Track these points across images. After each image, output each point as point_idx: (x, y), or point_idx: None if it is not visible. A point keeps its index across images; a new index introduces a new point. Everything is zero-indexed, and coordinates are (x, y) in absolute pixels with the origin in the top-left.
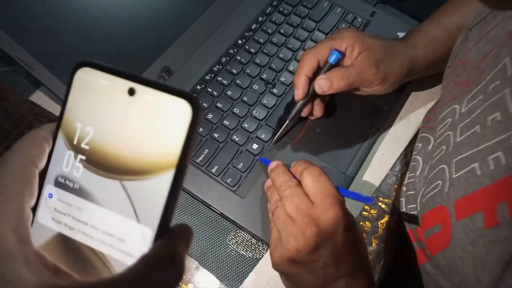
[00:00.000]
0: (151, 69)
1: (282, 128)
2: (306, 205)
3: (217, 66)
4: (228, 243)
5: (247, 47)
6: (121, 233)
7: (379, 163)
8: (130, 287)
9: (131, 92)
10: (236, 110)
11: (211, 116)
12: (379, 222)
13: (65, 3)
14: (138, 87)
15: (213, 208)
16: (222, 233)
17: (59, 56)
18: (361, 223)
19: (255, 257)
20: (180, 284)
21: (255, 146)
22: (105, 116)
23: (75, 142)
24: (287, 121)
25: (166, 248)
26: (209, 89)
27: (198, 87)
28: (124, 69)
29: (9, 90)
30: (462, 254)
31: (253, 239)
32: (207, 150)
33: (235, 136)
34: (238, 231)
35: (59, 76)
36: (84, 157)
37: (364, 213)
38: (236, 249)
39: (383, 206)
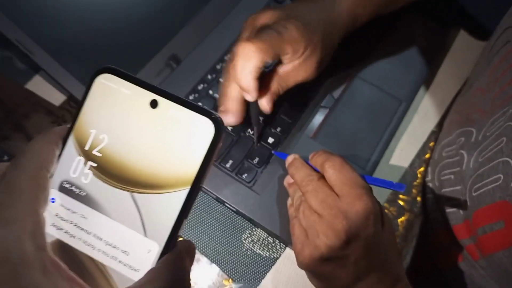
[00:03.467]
0: (158, 57)
1: (254, 132)
2: (332, 198)
3: (229, 55)
4: (244, 241)
5: None
6: (126, 245)
7: (398, 160)
8: None
9: (154, 104)
10: None
11: None
12: (398, 220)
13: None
14: (161, 100)
15: (227, 205)
16: (237, 232)
17: (61, 42)
18: None
19: (272, 256)
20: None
21: (270, 140)
22: (123, 125)
23: (86, 148)
24: (254, 126)
25: (174, 264)
26: (221, 80)
27: (209, 76)
28: (148, 82)
29: (2, 78)
30: None
31: (270, 237)
32: (220, 144)
33: (249, 129)
34: (254, 229)
35: (60, 62)
36: (94, 165)
37: None
38: (252, 248)
39: (402, 203)
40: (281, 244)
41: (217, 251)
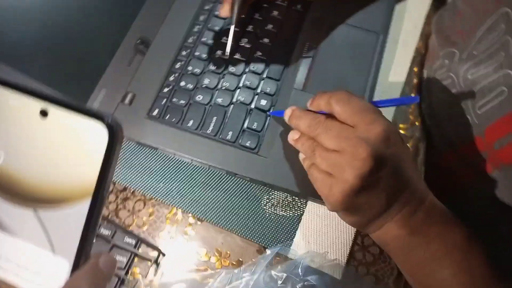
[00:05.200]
0: (125, 44)
1: (230, 35)
2: (347, 130)
3: (197, 27)
4: (265, 207)
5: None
6: (37, 265)
7: (388, 92)
8: None
9: (44, 113)
10: (233, 69)
11: (208, 81)
12: None
13: None
14: (50, 108)
15: (239, 176)
16: (255, 200)
17: (20, 48)
18: None
19: (296, 214)
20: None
21: (263, 102)
22: (16, 140)
23: None
24: (232, 26)
25: (82, 280)
26: (196, 53)
27: (184, 52)
28: (36, 88)
29: None
30: None
31: (289, 196)
32: (215, 117)
33: (240, 96)
34: (271, 193)
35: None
36: None
37: None
38: (275, 212)
39: (403, 132)
40: (302, 200)
41: (243, 224)
